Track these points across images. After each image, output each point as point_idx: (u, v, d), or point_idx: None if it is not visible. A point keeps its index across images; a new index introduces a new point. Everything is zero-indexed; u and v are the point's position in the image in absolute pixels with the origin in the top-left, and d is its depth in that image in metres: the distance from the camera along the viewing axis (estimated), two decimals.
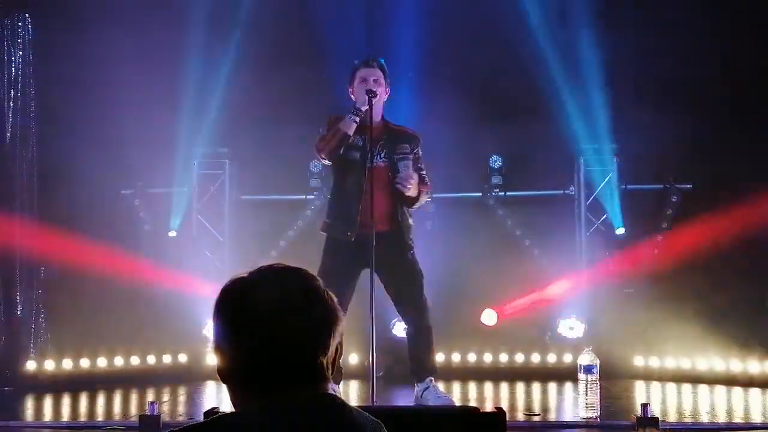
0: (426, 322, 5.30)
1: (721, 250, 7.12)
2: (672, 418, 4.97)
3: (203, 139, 8.01)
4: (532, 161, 7.93)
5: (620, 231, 7.49)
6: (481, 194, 7.95)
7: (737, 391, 6.25)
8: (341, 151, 5.18)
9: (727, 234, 7.00)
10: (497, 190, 7.93)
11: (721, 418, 5.14)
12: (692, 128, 7.37)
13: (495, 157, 7.88)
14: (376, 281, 5.25)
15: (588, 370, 4.73)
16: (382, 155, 5.26)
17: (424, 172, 5.36)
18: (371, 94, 5.11)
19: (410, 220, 5.37)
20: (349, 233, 5.16)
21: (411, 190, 5.14)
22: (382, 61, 5.38)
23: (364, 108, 5.13)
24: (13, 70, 7.30)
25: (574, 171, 8.00)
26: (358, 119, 5.14)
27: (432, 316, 5.34)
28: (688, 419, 5.11)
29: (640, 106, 7.83)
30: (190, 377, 7.02)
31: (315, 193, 7.95)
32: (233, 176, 8.19)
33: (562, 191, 8.04)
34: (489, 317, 7.45)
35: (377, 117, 5.36)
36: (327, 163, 5.38)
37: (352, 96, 5.30)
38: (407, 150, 5.30)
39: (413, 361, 5.35)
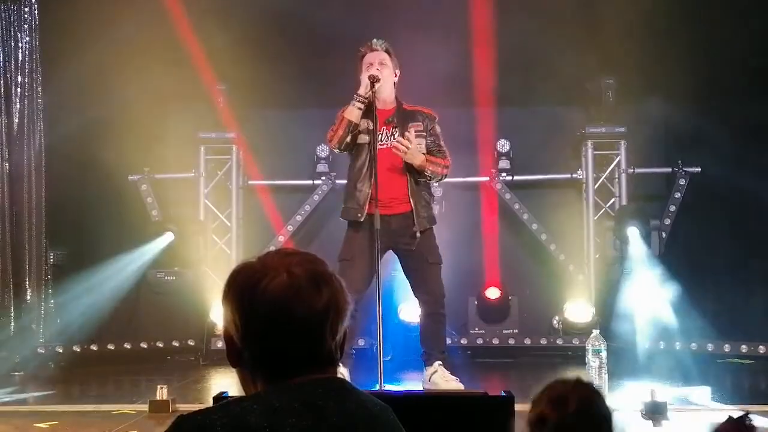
0: (440, 308, 5.31)
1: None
2: (679, 400, 4.96)
3: (211, 124, 8.01)
4: (540, 145, 7.91)
5: None
6: (489, 178, 7.93)
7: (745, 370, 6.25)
8: (350, 138, 5.19)
9: None
10: (505, 174, 7.91)
11: (729, 400, 5.13)
12: (701, 111, 7.35)
13: (503, 140, 7.86)
14: (396, 264, 5.35)
15: (595, 353, 4.73)
16: (395, 136, 5.25)
17: (443, 148, 5.34)
18: (373, 79, 5.12)
19: (426, 202, 5.36)
20: (359, 215, 5.17)
21: (406, 154, 5.11)
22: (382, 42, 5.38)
23: (366, 93, 5.13)
24: (20, 56, 7.30)
25: (582, 155, 7.98)
26: (361, 105, 5.14)
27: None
28: (695, 402, 5.10)
29: (647, 89, 7.81)
30: (199, 362, 7.05)
31: (323, 177, 7.94)
32: (241, 161, 8.19)
33: (569, 175, 8.02)
34: (492, 293, 7.45)
35: (389, 99, 5.37)
36: (338, 151, 5.38)
37: None
38: (420, 128, 5.29)
39: (424, 346, 5.36)
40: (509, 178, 7.93)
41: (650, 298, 6.85)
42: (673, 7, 7.05)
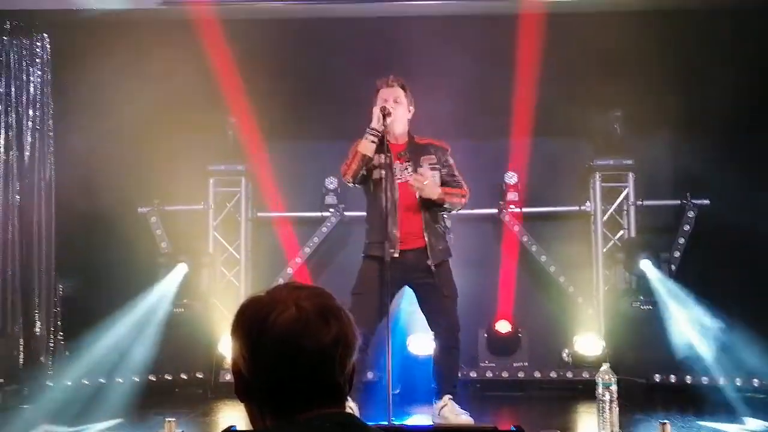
0: (455, 343, 5.30)
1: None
2: None
3: (220, 156, 8.05)
4: (548, 177, 7.91)
5: None
6: (497, 210, 7.93)
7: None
8: (365, 172, 5.21)
9: None
10: (513, 206, 7.91)
11: None
12: (709, 143, 7.35)
13: (511, 173, 7.86)
14: (408, 298, 5.32)
15: (606, 386, 4.70)
16: (409, 170, 5.27)
17: (458, 178, 5.36)
18: (384, 111, 5.15)
19: (441, 235, 5.36)
20: (392, 250, 5.12)
21: (424, 190, 5.12)
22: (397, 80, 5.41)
23: (378, 127, 5.15)
24: (32, 89, 7.37)
25: (590, 187, 7.98)
26: (374, 138, 5.16)
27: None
28: None
29: (655, 121, 7.82)
30: (207, 395, 7.02)
31: (331, 209, 7.95)
32: (250, 194, 8.21)
33: (578, 207, 8.02)
34: (503, 326, 7.41)
35: (402, 135, 5.39)
36: (352, 185, 5.38)
37: None
38: (434, 161, 5.32)
39: (436, 379, 5.34)
40: (517, 210, 7.92)
41: (681, 329, 6.81)
42: (682, 40, 7.08)
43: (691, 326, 6.78)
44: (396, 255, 5.13)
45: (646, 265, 7.27)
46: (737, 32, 7.05)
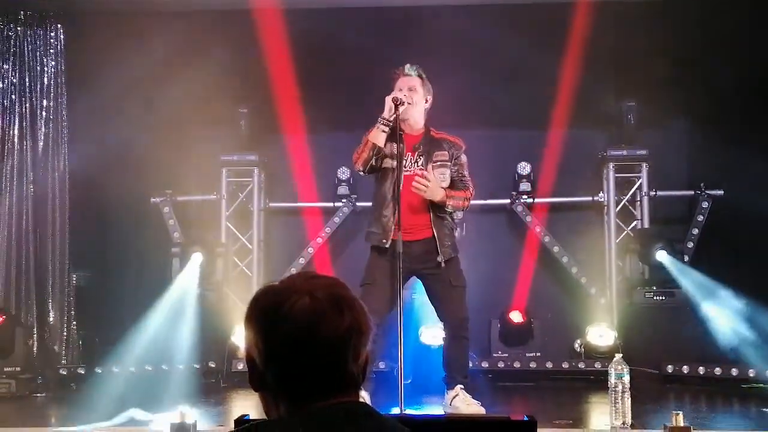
0: (464, 332, 5.28)
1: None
2: (704, 426, 4.90)
3: (233, 146, 8.06)
4: (561, 167, 7.89)
5: None
6: (509, 201, 7.91)
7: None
8: (375, 161, 5.18)
9: None
10: (526, 197, 7.89)
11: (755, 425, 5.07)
12: (723, 134, 7.31)
13: (523, 163, 7.84)
14: (420, 289, 5.34)
15: (618, 377, 4.69)
16: (420, 163, 5.24)
17: (466, 178, 5.33)
18: (396, 101, 5.11)
19: (450, 230, 5.35)
20: (384, 240, 5.16)
21: (426, 192, 5.10)
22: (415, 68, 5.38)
23: (390, 116, 5.11)
24: (46, 80, 7.40)
25: (603, 177, 7.95)
26: (385, 128, 5.12)
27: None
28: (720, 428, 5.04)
29: (669, 112, 7.78)
30: (220, 383, 7.04)
31: (344, 200, 7.95)
32: (262, 184, 8.21)
33: (591, 198, 7.99)
34: (516, 316, 7.41)
35: (418, 125, 5.35)
36: (363, 174, 5.35)
37: None
38: (446, 158, 5.27)
39: (446, 369, 5.34)
40: (530, 200, 7.90)
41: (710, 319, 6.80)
42: (695, 30, 7.04)
43: (720, 315, 6.75)
44: (387, 246, 5.14)
45: (663, 256, 7.24)
46: (750, 21, 6.99)
